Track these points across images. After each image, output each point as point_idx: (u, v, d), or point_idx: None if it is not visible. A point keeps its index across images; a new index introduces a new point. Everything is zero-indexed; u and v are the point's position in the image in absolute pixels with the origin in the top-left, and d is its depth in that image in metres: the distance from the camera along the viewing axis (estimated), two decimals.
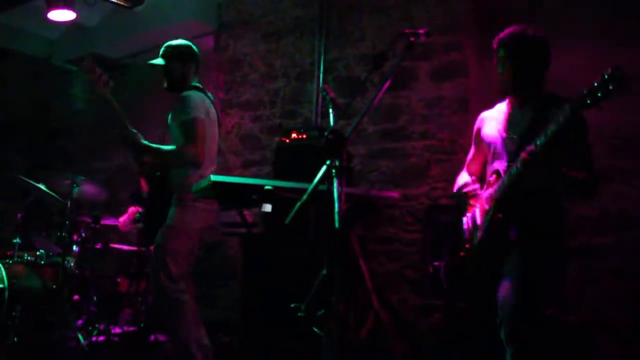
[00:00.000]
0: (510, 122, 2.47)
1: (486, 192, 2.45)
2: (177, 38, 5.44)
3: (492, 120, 2.57)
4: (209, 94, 3.37)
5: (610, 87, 1.90)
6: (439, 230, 3.66)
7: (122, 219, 4.83)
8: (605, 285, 3.55)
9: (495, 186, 2.37)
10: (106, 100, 3.25)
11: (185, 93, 3.21)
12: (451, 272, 3.45)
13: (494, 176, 2.42)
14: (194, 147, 3.03)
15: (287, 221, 2.02)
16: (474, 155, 2.78)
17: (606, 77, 1.91)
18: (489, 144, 2.55)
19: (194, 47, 3.42)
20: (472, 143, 2.77)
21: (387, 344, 3.28)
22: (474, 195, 2.54)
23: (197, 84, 3.35)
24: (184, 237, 3.12)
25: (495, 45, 2.50)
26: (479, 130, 2.67)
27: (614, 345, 3.45)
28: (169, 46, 3.38)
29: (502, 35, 2.47)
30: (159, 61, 3.34)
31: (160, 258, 3.08)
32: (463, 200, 2.59)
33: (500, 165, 2.42)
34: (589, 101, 1.96)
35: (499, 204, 2.33)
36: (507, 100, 2.57)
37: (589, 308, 3.53)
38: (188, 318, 3.10)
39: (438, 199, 4.19)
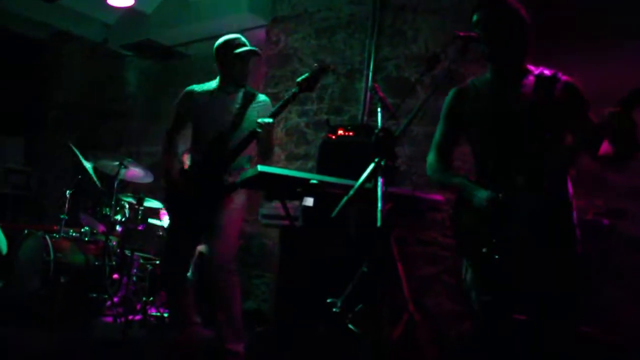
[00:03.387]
0: (506, 97, 2.32)
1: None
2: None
3: (477, 95, 2.41)
4: None
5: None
6: None
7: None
8: None
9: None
10: None
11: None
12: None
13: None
14: None
15: (333, 215, 2.03)
16: (448, 135, 2.53)
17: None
18: (479, 122, 2.38)
19: None
20: (444, 122, 2.54)
21: (419, 347, 3.27)
22: None
23: None
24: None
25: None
26: (454, 107, 2.48)
27: None
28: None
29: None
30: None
31: (235, 237, 3.37)
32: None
33: (503, 145, 2.29)
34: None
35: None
36: (489, 72, 2.43)
37: (628, 328, 3.43)
38: None
39: None
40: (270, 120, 3.21)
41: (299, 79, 3.20)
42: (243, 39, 3.56)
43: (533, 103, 2.25)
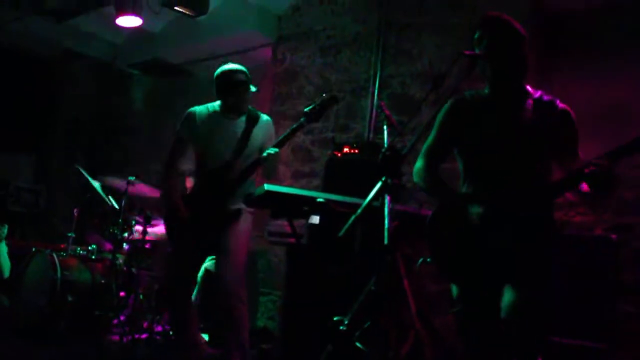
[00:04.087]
0: (506, 116, 2.31)
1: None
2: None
3: (476, 110, 2.37)
4: None
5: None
6: None
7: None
8: None
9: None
10: None
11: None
12: None
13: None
14: None
15: (340, 234, 2.04)
16: (441, 144, 2.49)
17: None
18: (476, 137, 2.35)
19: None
20: (439, 130, 2.48)
21: None
22: None
23: None
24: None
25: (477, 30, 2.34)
26: (451, 117, 2.42)
27: None
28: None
29: (482, 20, 2.35)
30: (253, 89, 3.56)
31: (242, 262, 3.37)
32: None
33: (497, 162, 2.28)
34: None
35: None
36: (488, 89, 2.40)
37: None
38: None
39: None
40: (276, 150, 3.21)
41: (306, 109, 3.15)
42: (242, 69, 3.55)
43: (532, 127, 2.26)
